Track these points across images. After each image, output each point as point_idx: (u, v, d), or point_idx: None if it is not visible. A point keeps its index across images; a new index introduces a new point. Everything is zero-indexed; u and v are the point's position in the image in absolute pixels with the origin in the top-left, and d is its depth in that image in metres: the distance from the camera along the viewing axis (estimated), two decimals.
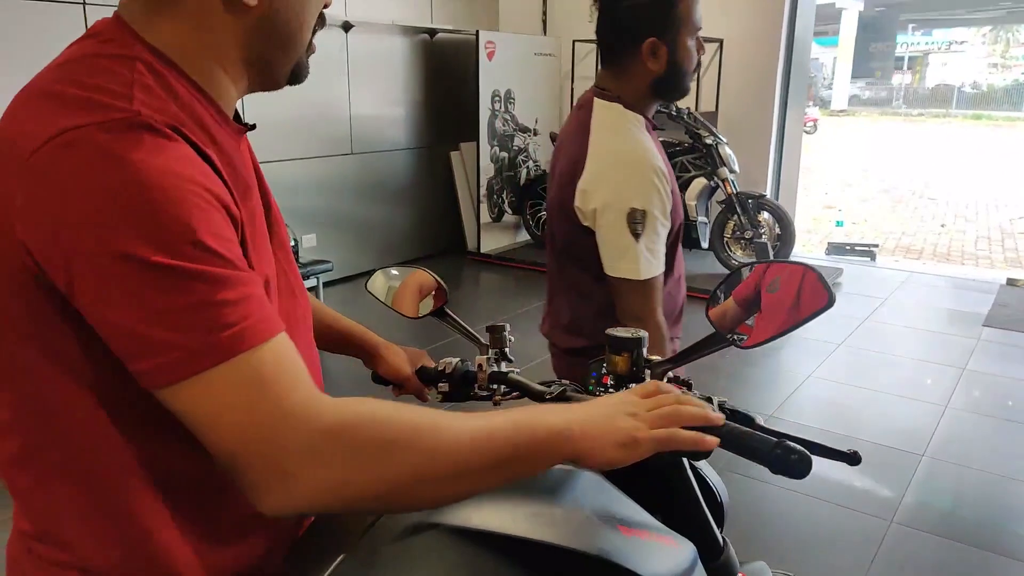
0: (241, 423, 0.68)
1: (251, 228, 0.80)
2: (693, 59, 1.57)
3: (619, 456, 0.81)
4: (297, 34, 0.86)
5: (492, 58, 6.46)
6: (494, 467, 0.77)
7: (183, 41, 0.79)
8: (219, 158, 0.76)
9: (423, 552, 0.82)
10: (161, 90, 0.74)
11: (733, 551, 1.18)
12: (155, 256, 0.65)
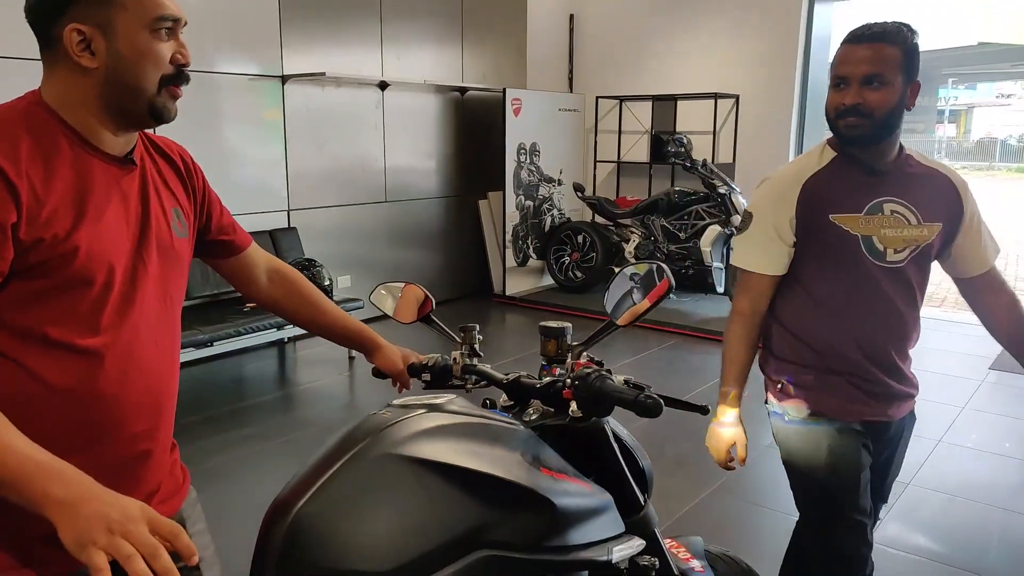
0: None
1: (85, 234, 1.13)
2: None
3: (66, 538, 0.91)
4: (138, 85, 1.16)
5: (518, 114, 6.89)
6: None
7: (58, 96, 1.16)
8: (42, 177, 1.09)
9: (388, 475, 1.11)
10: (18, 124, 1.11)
11: (654, 512, 1.45)
12: None
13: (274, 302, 1.60)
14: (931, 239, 1.76)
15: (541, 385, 1.38)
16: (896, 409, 1.86)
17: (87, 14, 1.11)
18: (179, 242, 1.32)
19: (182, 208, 1.35)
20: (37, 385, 1.13)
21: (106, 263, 1.17)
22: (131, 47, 1.14)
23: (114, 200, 1.19)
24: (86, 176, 1.16)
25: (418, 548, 1.07)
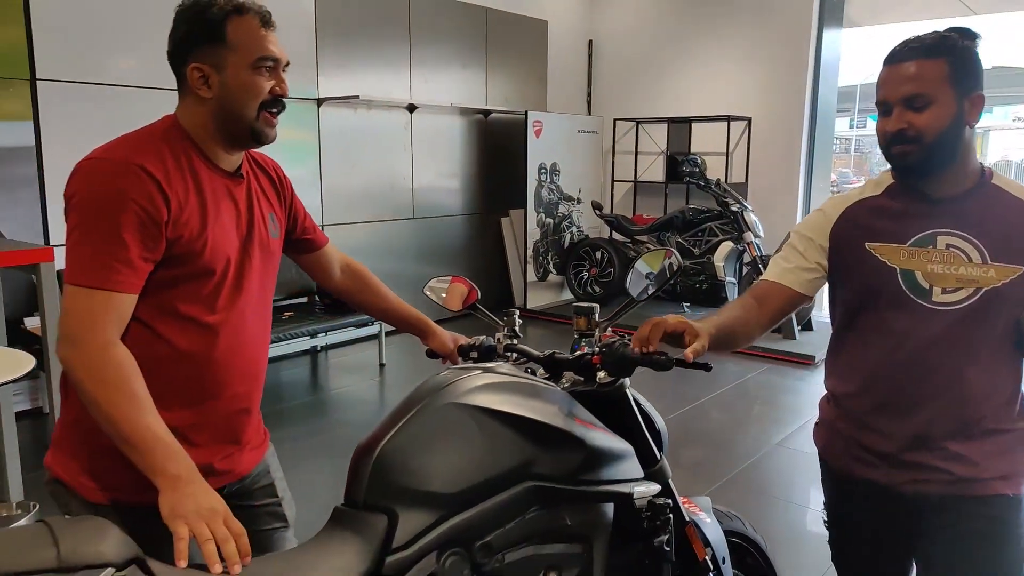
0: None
1: (209, 233, 1.41)
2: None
3: (164, 506, 1.19)
4: (240, 114, 1.43)
5: (539, 135, 7.21)
6: (122, 442, 1.26)
7: (187, 120, 1.46)
8: (180, 188, 1.38)
9: (452, 420, 1.39)
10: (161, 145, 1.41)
11: (667, 466, 1.72)
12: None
13: (345, 291, 1.89)
14: (1000, 283, 1.46)
15: (572, 358, 1.66)
16: (922, 484, 1.54)
17: (205, 56, 1.42)
18: (273, 241, 1.62)
19: (275, 213, 1.64)
20: (169, 349, 1.43)
21: (224, 257, 1.47)
22: (236, 81, 1.42)
23: (228, 206, 1.49)
24: (209, 186, 1.46)
25: (477, 477, 1.35)
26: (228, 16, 1.40)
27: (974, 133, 1.51)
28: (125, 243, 1.31)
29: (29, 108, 4.34)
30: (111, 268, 1.31)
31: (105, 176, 1.34)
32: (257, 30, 1.43)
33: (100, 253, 1.31)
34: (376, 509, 1.31)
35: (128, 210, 1.32)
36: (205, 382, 1.47)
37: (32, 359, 2.43)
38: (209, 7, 1.40)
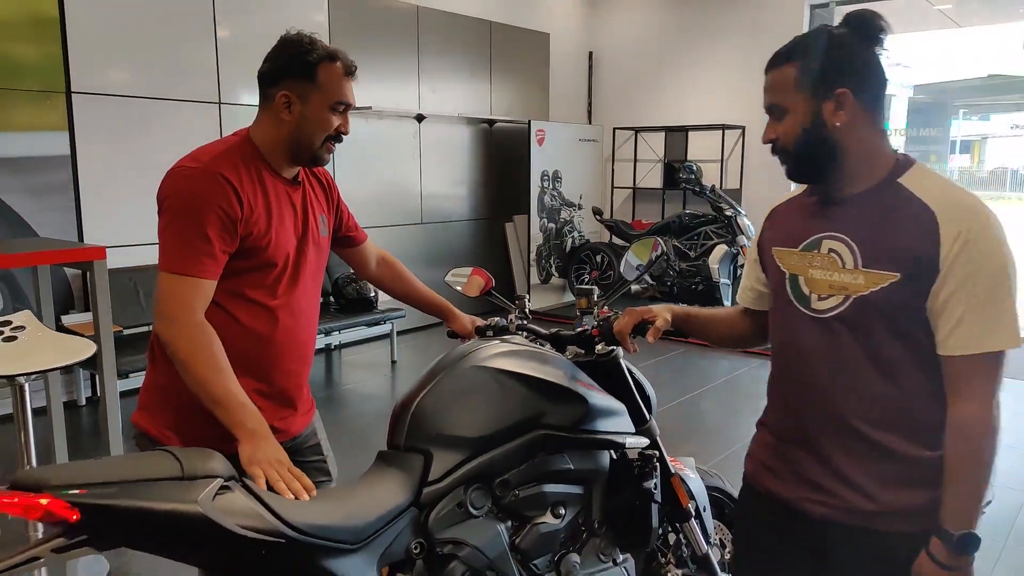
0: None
1: (273, 230, 1.70)
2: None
3: (243, 454, 1.47)
4: (310, 140, 1.71)
5: (542, 143, 7.52)
6: (211, 402, 1.54)
7: (260, 136, 1.73)
8: (251, 192, 1.65)
9: (476, 379, 1.68)
10: (235, 156, 1.68)
11: (656, 425, 2.00)
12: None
13: (380, 280, 2.18)
14: (868, 291, 1.35)
15: (575, 334, 1.95)
16: (812, 504, 1.45)
17: (294, 87, 1.70)
18: (323, 239, 1.91)
19: (325, 214, 1.93)
20: (239, 328, 1.71)
21: (284, 252, 1.76)
22: (314, 115, 1.71)
23: (288, 209, 1.78)
24: (272, 192, 1.74)
25: (496, 425, 1.64)
26: (322, 60, 1.68)
27: (878, 129, 1.40)
28: (209, 238, 1.60)
29: (65, 119, 4.65)
30: (198, 259, 1.60)
31: (192, 181, 1.63)
32: (341, 77, 1.71)
33: (189, 246, 1.60)
34: (414, 451, 1.60)
35: (211, 211, 1.60)
36: (267, 356, 1.76)
37: (92, 345, 2.72)
38: (311, 49, 1.68)
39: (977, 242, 1.28)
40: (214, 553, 1.26)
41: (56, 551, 1.19)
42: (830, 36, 1.39)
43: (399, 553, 1.51)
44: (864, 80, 1.37)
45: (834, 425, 1.42)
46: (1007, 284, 1.30)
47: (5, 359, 2.60)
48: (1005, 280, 1.29)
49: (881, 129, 1.40)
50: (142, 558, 2.81)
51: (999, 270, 1.29)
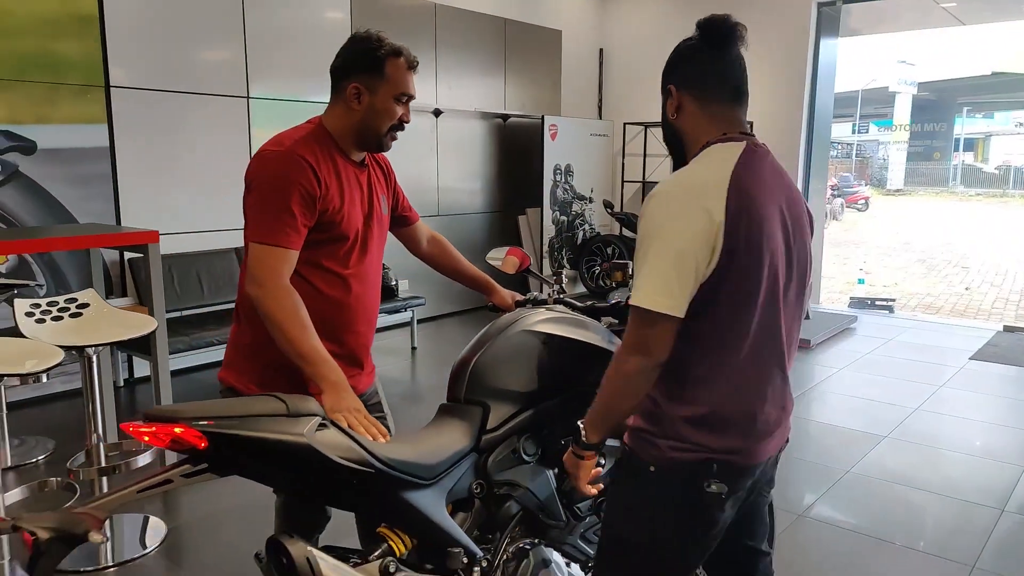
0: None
1: (344, 207, 1.89)
2: None
3: (327, 403, 1.65)
4: (376, 128, 1.90)
5: (555, 138, 7.72)
6: (297, 357, 1.74)
7: (332, 123, 1.93)
8: (326, 172, 1.86)
9: (524, 342, 1.88)
10: (311, 140, 1.88)
11: None
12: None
13: (430, 257, 2.38)
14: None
15: (609, 305, 2.16)
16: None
17: (364, 80, 1.89)
18: (385, 217, 2.11)
19: (385, 195, 2.13)
20: (317, 294, 1.92)
21: (355, 227, 1.96)
22: (381, 105, 1.90)
23: (356, 189, 1.98)
24: (344, 173, 1.94)
25: (544, 382, 1.85)
26: (389, 56, 1.87)
27: (706, 118, 1.55)
28: (293, 213, 1.80)
29: (104, 112, 4.85)
30: (284, 231, 1.80)
31: (277, 163, 1.82)
32: (405, 71, 1.91)
33: (276, 220, 1.80)
34: (473, 403, 1.81)
35: (294, 189, 1.80)
36: (341, 320, 1.96)
37: (153, 320, 2.92)
38: (379, 46, 1.87)
39: (646, 202, 1.48)
40: (312, 480, 1.47)
41: (185, 476, 1.40)
42: (679, 44, 1.59)
43: (463, 491, 1.72)
44: (690, 77, 1.56)
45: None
46: (642, 250, 1.44)
47: (75, 332, 2.81)
48: (643, 247, 1.44)
49: (706, 115, 1.55)
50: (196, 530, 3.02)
51: (641, 238, 1.46)
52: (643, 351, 1.44)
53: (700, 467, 1.48)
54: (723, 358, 1.48)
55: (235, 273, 5.49)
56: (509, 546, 1.76)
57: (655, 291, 1.40)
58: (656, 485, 1.53)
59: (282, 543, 1.36)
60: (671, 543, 1.55)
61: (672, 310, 1.40)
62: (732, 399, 1.49)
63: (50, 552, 1.27)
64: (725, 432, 1.49)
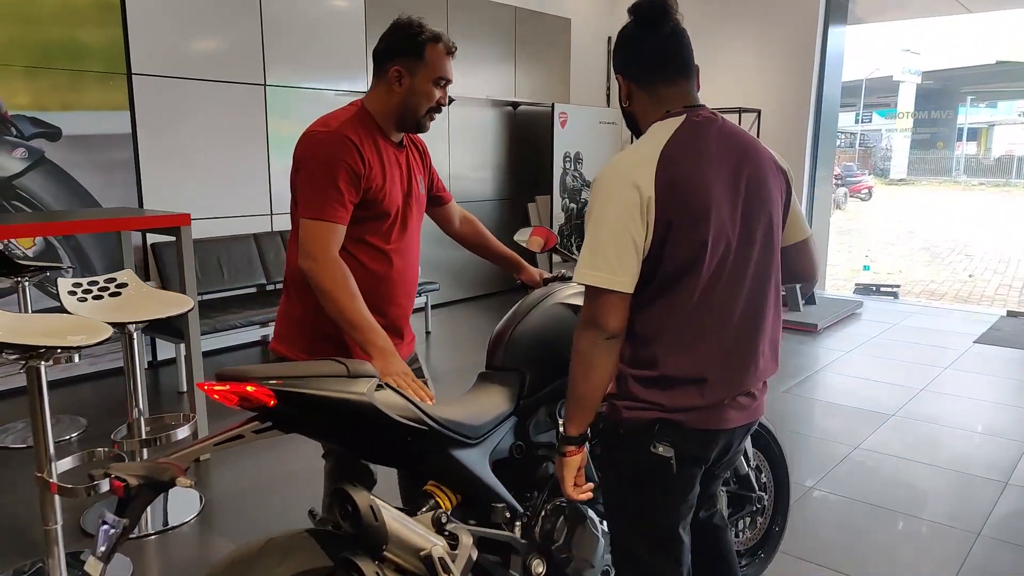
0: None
1: (386, 185, 1.99)
2: None
3: (377, 368, 1.71)
4: (416, 109, 2.00)
5: (564, 126, 7.80)
6: (348, 325, 1.86)
7: (374, 105, 2.03)
8: (369, 152, 1.96)
9: (557, 313, 1.99)
10: (355, 121, 1.99)
11: None
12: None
13: (462, 236, 2.48)
14: None
15: None
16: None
17: (406, 62, 1.99)
18: (422, 196, 2.21)
19: (423, 175, 2.23)
20: (362, 268, 2.02)
21: (395, 205, 2.06)
22: (421, 88, 2.00)
23: (396, 168, 2.08)
24: (385, 153, 2.04)
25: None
26: (429, 41, 1.98)
27: (653, 100, 1.60)
28: (340, 190, 1.90)
29: (126, 99, 4.95)
30: (332, 207, 1.90)
31: (324, 144, 1.92)
32: (444, 56, 2.01)
33: (325, 197, 1.90)
34: (511, 370, 1.92)
35: (341, 167, 1.90)
36: (384, 292, 2.07)
37: (189, 299, 3.03)
38: (420, 32, 1.97)
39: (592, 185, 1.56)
40: (371, 436, 1.58)
41: (254, 432, 1.51)
42: (619, 30, 1.65)
43: (504, 452, 1.83)
44: (631, 62, 1.62)
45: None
46: (586, 231, 1.53)
47: (115, 311, 2.92)
48: (586, 228, 1.53)
49: (652, 97, 1.60)
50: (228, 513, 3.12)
51: (585, 221, 1.55)
52: (591, 324, 1.52)
53: (649, 426, 1.55)
54: (671, 323, 1.53)
55: (254, 258, 5.60)
56: (547, 503, 1.88)
57: (594, 267, 1.48)
58: (618, 449, 1.61)
59: (348, 492, 1.47)
60: (639, 506, 1.63)
61: (612, 284, 1.47)
62: (682, 361, 1.53)
63: (140, 497, 1.38)
64: (674, 392, 1.54)
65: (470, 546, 1.59)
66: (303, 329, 2.03)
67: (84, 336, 2.40)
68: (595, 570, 1.91)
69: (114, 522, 1.38)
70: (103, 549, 1.38)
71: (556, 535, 1.84)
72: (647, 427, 1.55)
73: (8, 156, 4.47)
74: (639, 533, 1.65)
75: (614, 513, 1.69)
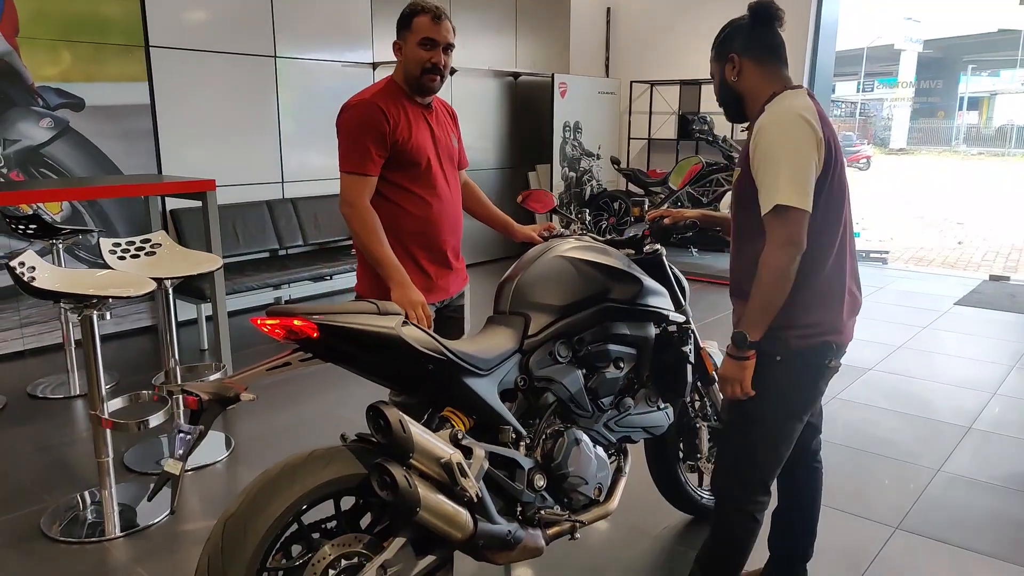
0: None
1: (416, 140, 2.31)
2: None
3: (394, 296, 2.19)
4: (413, 71, 2.32)
5: (564, 96, 8.00)
6: (374, 261, 2.23)
7: (397, 76, 2.35)
8: (396, 114, 2.28)
9: (558, 265, 2.26)
10: (384, 91, 2.32)
11: (689, 310, 2.58)
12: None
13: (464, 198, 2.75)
14: (734, 180, 2.04)
15: (625, 238, 2.53)
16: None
17: (401, 35, 2.33)
18: (453, 148, 2.53)
19: (453, 133, 2.56)
20: (403, 212, 2.36)
21: (424, 155, 2.37)
22: (411, 53, 2.32)
23: (423, 124, 2.39)
24: (411, 113, 2.35)
25: (575, 297, 2.23)
26: (415, 14, 2.30)
27: (765, 75, 1.96)
28: (369, 149, 2.25)
29: (144, 71, 5.17)
30: (363, 162, 2.26)
31: (356, 110, 2.28)
32: (428, 22, 2.30)
33: (357, 154, 2.26)
34: (516, 314, 2.19)
35: (368, 128, 2.25)
36: (429, 231, 2.42)
37: (218, 258, 3.30)
38: (410, 8, 2.31)
39: (759, 130, 1.85)
40: (397, 364, 1.85)
41: (301, 361, 1.79)
42: (729, 24, 2.05)
43: (509, 383, 2.11)
44: (748, 46, 1.97)
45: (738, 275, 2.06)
46: (772, 165, 1.80)
47: (152, 267, 3.19)
48: (771, 162, 1.80)
49: (767, 74, 1.96)
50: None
51: (765, 156, 1.82)
52: (792, 243, 1.80)
53: (821, 348, 1.93)
54: (826, 248, 1.89)
55: (267, 224, 5.86)
56: (547, 428, 2.16)
57: (796, 192, 1.78)
58: (782, 370, 1.94)
59: (381, 409, 1.74)
60: (792, 416, 2.00)
61: (807, 206, 1.79)
62: (835, 283, 1.92)
63: (210, 410, 1.67)
64: (832, 310, 1.92)
65: (483, 457, 1.88)
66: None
67: (132, 288, 2.67)
68: (588, 485, 2.20)
69: (190, 430, 1.66)
70: (181, 452, 1.66)
71: (555, 454, 2.13)
72: (819, 348, 1.94)
73: (36, 126, 4.71)
74: (774, 439, 2.01)
75: (752, 421, 2.00)
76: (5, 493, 3.03)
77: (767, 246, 1.84)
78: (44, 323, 4.88)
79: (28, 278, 2.54)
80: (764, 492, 2.05)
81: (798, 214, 1.79)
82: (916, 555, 2.64)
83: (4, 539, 2.71)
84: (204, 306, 5.07)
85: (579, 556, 2.63)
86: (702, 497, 2.82)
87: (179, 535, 2.75)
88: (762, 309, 1.87)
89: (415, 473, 1.77)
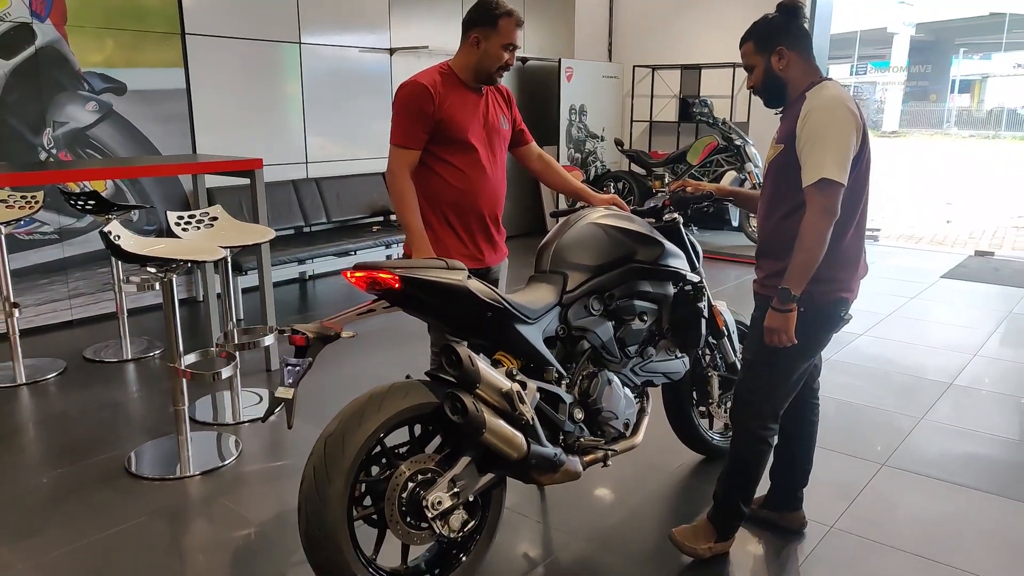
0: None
1: (460, 120, 2.62)
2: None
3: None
4: (489, 67, 2.60)
5: (570, 80, 8.31)
6: (404, 227, 2.58)
7: (456, 62, 2.65)
8: (443, 95, 2.59)
9: (591, 231, 2.60)
10: (436, 75, 2.64)
11: (703, 271, 2.93)
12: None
13: (538, 172, 3.05)
14: (774, 156, 2.30)
15: (646, 208, 2.88)
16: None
17: (483, 30, 2.59)
18: (503, 131, 2.81)
19: (505, 115, 2.83)
20: (444, 183, 2.66)
21: (473, 133, 2.66)
22: (493, 50, 2.61)
23: (472, 106, 2.67)
24: (461, 95, 2.65)
25: (606, 259, 2.58)
26: (502, 15, 2.58)
27: (804, 65, 2.27)
28: (413, 126, 2.57)
29: (180, 57, 5.47)
30: (407, 137, 2.58)
31: (406, 90, 2.58)
32: (513, 27, 2.60)
33: (402, 129, 2.58)
34: (556, 273, 2.54)
35: (414, 107, 2.56)
36: (468, 204, 2.70)
37: (271, 231, 3.63)
38: (496, 7, 2.58)
39: (809, 112, 2.15)
40: (463, 312, 2.19)
41: (383, 309, 2.13)
42: (766, 20, 2.33)
43: (551, 332, 2.46)
44: (792, 39, 2.28)
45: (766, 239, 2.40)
46: (819, 143, 2.11)
47: (212, 239, 3.52)
48: (819, 140, 2.11)
49: (807, 64, 2.28)
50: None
51: (814, 134, 2.12)
52: (830, 212, 2.12)
53: (838, 302, 2.30)
54: (850, 217, 2.22)
55: (293, 202, 6.19)
56: (583, 370, 2.52)
57: (839, 168, 2.09)
58: (804, 320, 2.24)
59: (452, 347, 2.09)
60: (805, 357, 2.36)
61: (845, 181, 2.11)
62: (853, 248, 2.28)
63: (314, 346, 2.01)
64: (848, 270, 2.28)
65: (534, 389, 2.23)
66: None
67: (207, 254, 3.01)
68: (619, 420, 2.56)
69: (298, 362, 2.01)
70: (290, 381, 2.01)
71: (591, 392, 2.48)
72: (838, 302, 2.31)
73: (82, 109, 5.02)
74: (794, 366, 2.36)
75: (778, 353, 2.30)
76: (84, 441, 3.38)
77: (808, 213, 2.13)
78: (91, 294, 5.21)
79: (120, 244, 2.87)
80: (774, 420, 2.42)
81: (838, 187, 2.10)
82: (901, 486, 3.01)
83: (94, 477, 3.06)
84: (241, 278, 5.40)
85: (606, 488, 3.00)
86: (713, 439, 3.19)
87: (248, 475, 3.10)
88: (803, 267, 2.16)
89: (480, 401, 2.12)
